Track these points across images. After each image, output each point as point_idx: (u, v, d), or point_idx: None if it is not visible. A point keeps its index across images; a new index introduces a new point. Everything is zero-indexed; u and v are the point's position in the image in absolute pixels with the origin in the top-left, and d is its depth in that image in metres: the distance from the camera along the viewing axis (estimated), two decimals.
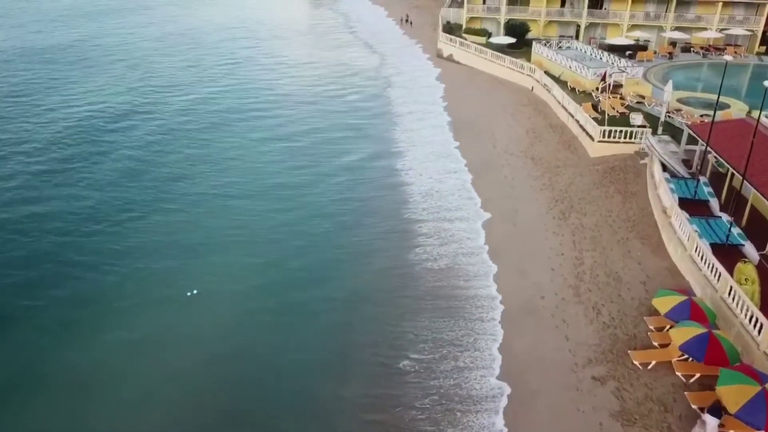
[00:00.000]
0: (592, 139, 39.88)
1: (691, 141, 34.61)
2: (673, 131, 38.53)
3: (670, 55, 60.12)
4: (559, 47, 58.53)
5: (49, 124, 49.52)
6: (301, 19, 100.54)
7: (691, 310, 22.11)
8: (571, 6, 66.98)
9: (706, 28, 63.11)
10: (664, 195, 30.82)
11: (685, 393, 20.25)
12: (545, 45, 58.27)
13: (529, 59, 57.88)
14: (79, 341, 25.11)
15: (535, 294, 27.21)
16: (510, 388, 22.45)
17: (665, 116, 39.52)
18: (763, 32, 63.25)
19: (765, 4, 62.29)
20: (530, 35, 65.32)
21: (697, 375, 20.86)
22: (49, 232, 33.12)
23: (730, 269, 23.78)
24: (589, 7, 65.42)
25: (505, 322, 26.09)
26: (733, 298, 22.57)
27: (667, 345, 22.14)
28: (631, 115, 41.37)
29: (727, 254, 25.37)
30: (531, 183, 37.51)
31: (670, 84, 39.41)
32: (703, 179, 32.45)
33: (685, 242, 26.91)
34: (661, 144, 35.97)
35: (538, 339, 24.58)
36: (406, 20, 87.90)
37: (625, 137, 38.74)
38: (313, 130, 48.84)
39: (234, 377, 23.37)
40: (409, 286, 28.78)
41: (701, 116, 40.55)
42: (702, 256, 25.23)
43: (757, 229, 28.03)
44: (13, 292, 28.17)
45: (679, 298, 22.71)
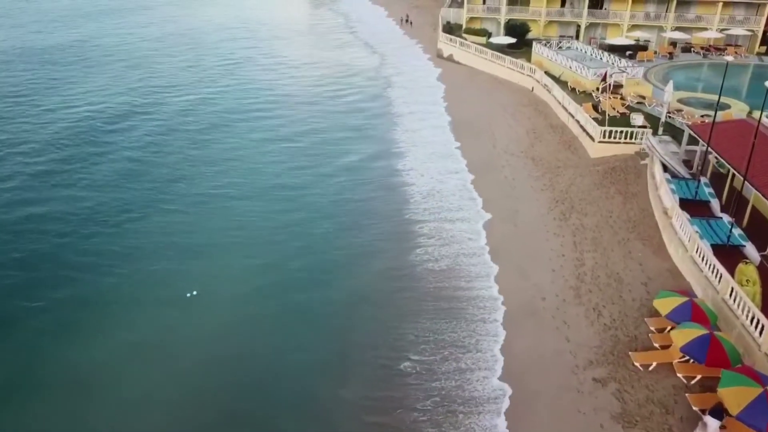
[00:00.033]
0: (593, 140, 39.83)
1: (692, 141, 34.60)
2: (674, 132, 38.49)
3: (671, 56, 60.11)
4: (560, 47, 58.49)
5: (48, 124, 49.45)
6: (301, 19, 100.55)
7: (693, 312, 22.04)
8: (572, 6, 66.95)
9: (706, 28, 63.12)
10: (665, 196, 30.77)
11: (687, 395, 20.18)
12: (545, 45, 58.24)
13: (529, 59, 57.85)
14: (79, 342, 25.07)
15: (536, 295, 27.15)
16: (511, 390, 22.38)
17: (666, 116, 39.47)
18: (764, 32, 63.25)
19: (765, 4, 62.28)
20: (530, 35, 65.31)
21: (699, 377, 20.79)
22: (49, 233, 33.06)
23: (731, 270, 23.73)
24: (589, 7, 65.42)
25: (506, 323, 26.03)
26: (735, 300, 22.53)
27: (668, 346, 22.06)
28: (632, 116, 41.34)
29: (729, 255, 25.31)
30: (531, 183, 37.46)
31: (670, 84, 39.34)
32: (704, 180, 32.40)
33: (686, 243, 26.87)
34: (662, 144, 35.90)
35: (539, 340, 24.52)
36: (406, 20, 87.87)
37: (626, 138, 38.68)
38: (314, 131, 48.79)
39: (234, 378, 23.31)
40: (410, 287, 28.72)
41: (702, 117, 40.52)
42: (703, 257, 25.19)
43: (758, 230, 27.98)
44: (13, 293, 28.11)
45: (680, 300, 22.65)
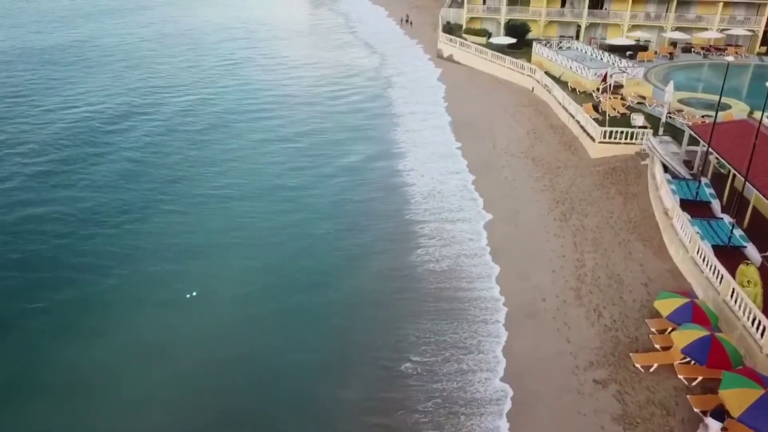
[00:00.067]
0: (593, 140, 39.79)
1: (693, 142, 34.56)
2: (674, 132, 38.46)
3: (671, 56, 60.07)
4: (560, 47, 58.49)
5: (47, 124, 49.38)
6: (301, 20, 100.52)
7: (694, 313, 22.00)
8: (572, 6, 66.93)
9: (706, 29, 63.09)
10: (665, 196, 30.73)
11: (688, 396, 20.13)
12: (546, 45, 58.22)
13: (529, 60, 57.83)
14: (79, 342, 25.03)
15: (537, 296, 27.10)
16: (512, 391, 22.33)
17: (666, 117, 39.43)
18: (764, 32, 63.19)
19: (766, 4, 62.23)
20: (530, 35, 65.29)
21: (700, 378, 20.75)
22: (48, 234, 33.00)
23: (732, 271, 23.68)
24: (589, 8, 65.40)
25: (507, 324, 25.97)
26: (736, 301, 22.49)
27: (669, 348, 22.01)
28: (632, 116, 41.31)
29: (729, 256, 25.27)
30: (532, 184, 37.42)
31: (671, 84, 39.31)
32: (704, 180, 32.36)
33: (687, 244, 26.83)
34: (663, 145, 35.88)
35: (540, 341, 24.46)
36: (407, 20, 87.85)
37: (626, 138, 38.64)
38: (314, 131, 48.73)
39: (234, 378, 23.27)
40: (411, 288, 28.65)
41: (702, 117, 40.49)
42: (704, 258, 25.15)
43: (760, 231, 27.94)
44: (13, 293, 28.07)
45: (681, 301, 22.60)
